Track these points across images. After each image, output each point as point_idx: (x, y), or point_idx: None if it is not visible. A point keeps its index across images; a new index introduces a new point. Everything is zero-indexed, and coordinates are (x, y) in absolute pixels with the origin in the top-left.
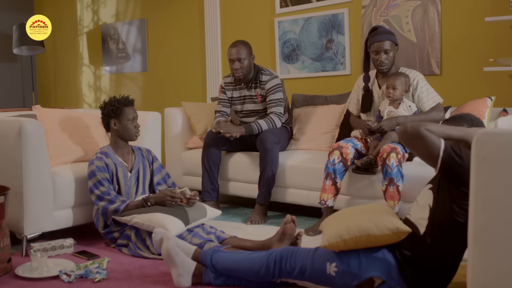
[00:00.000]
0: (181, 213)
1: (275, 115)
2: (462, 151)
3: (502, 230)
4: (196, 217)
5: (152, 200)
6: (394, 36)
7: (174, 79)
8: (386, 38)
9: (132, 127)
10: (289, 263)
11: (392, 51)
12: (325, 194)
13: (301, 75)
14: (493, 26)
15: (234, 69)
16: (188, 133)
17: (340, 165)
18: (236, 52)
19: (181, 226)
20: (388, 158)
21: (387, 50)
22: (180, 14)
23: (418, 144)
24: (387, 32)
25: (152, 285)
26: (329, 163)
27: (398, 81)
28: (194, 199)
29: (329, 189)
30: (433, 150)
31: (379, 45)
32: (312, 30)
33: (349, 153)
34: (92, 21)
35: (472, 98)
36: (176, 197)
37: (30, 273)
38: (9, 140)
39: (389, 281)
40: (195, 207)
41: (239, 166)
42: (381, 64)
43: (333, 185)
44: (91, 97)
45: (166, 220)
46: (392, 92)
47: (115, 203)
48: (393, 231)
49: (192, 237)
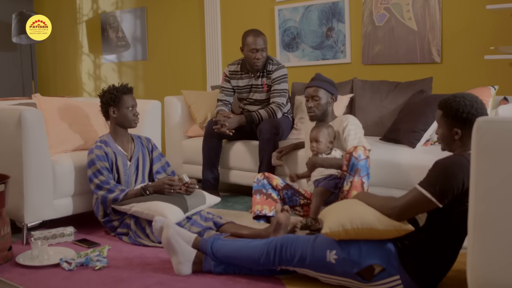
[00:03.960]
0: (180, 201)
1: (276, 106)
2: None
3: (502, 218)
4: (195, 205)
5: (151, 189)
6: (332, 86)
7: (174, 68)
8: (317, 85)
9: (131, 115)
10: (289, 251)
11: (324, 98)
12: (258, 206)
13: (301, 63)
14: (494, 14)
15: (257, 58)
16: (188, 121)
17: (265, 181)
18: (262, 42)
19: (180, 214)
20: (355, 150)
21: (315, 96)
22: (180, 2)
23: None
24: (322, 79)
25: (152, 273)
26: (255, 183)
27: (320, 133)
28: (192, 187)
29: (262, 201)
30: (429, 206)
31: (308, 91)
32: (313, 18)
33: (275, 179)
34: (92, 10)
35: (473, 86)
36: (175, 185)
37: (31, 261)
38: (9, 128)
39: (389, 268)
40: (194, 195)
41: (240, 154)
42: (309, 110)
43: (268, 198)
44: (91, 85)
45: (165, 208)
46: (315, 146)
47: (114, 192)
48: (395, 228)
49: (191, 226)
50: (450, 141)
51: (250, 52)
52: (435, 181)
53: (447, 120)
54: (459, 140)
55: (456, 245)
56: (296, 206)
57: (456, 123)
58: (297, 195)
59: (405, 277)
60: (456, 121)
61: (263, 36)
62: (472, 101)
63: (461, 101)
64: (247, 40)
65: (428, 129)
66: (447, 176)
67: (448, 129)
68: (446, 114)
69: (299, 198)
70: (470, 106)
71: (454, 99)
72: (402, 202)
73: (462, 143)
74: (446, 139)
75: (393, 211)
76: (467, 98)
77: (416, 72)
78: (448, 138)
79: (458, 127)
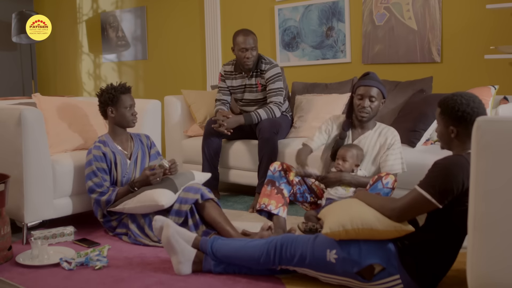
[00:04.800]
0: (168, 182)
1: (274, 105)
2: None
3: (502, 218)
4: (184, 182)
5: (138, 184)
6: (384, 88)
7: (174, 67)
8: (375, 85)
9: (129, 115)
10: (289, 250)
11: (378, 101)
12: (266, 199)
13: (301, 63)
14: (494, 13)
15: (247, 57)
16: (188, 121)
17: (281, 174)
18: (251, 41)
19: (171, 195)
20: (386, 176)
21: (372, 97)
22: (180, 2)
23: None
24: (378, 80)
25: (152, 272)
26: (270, 172)
27: (349, 153)
28: (174, 167)
29: (271, 194)
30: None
31: (366, 90)
32: (313, 18)
33: (292, 172)
34: (92, 9)
35: (473, 85)
36: (157, 172)
37: (31, 260)
38: (9, 128)
39: (389, 268)
40: (181, 174)
41: (240, 154)
42: (363, 110)
43: (278, 193)
44: (91, 85)
45: (154, 194)
46: (341, 164)
47: (106, 193)
48: (395, 228)
49: (180, 204)
50: (447, 139)
51: (240, 52)
52: (435, 182)
53: (443, 117)
54: (456, 138)
55: (456, 245)
56: (305, 202)
57: (452, 121)
58: (309, 191)
59: (405, 276)
60: (451, 119)
61: (253, 36)
62: (469, 100)
63: (458, 100)
64: (237, 40)
65: (428, 129)
66: (447, 176)
67: (445, 126)
68: (443, 112)
69: (310, 195)
70: (466, 105)
71: (452, 98)
72: (401, 204)
73: (460, 142)
74: (443, 137)
75: (393, 213)
76: (465, 97)
77: (416, 71)
78: (445, 136)
79: (453, 125)
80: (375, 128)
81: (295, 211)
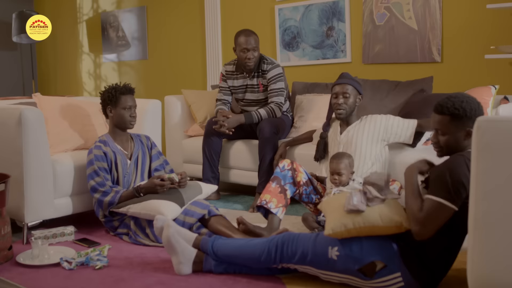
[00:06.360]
0: (176, 196)
1: (275, 105)
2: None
3: (502, 218)
4: (191, 196)
5: (144, 190)
6: (359, 84)
7: (174, 67)
8: (348, 82)
9: (127, 116)
10: (291, 248)
11: (353, 97)
12: (268, 195)
13: (302, 62)
14: (495, 13)
15: (248, 58)
16: (188, 121)
17: (289, 173)
18: (253, 41)
19: (177, 209)
20: (392, 182)
21: (346, 93)
22: (180, 2)
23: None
24: (351, 78)
25: (153, 272)
26: (279, 169)
27: (341, 165)
28: (184, 181)
29: (275, 192)
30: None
31: (339, 87)
32: (313, 18)
33: (301, 173)
34: (92, 9)
35: (473, 85)
36: (165, 184)
37: (31, 260)
38: (9, 128)
39: (390, 265)
40: (190, 187)
41: (240, 154)
42: (338, 107)
43: (281, 192)
44: (91, 85)
45: (161, 205)
46: (338, 178)
47: (109, 194)
48: (396, 225)
49: (185, 216)
50: (457, 143)
51: (241, 52)
52: (444, 186)
53: (457, 123)
54: (467, 139)
55: (456, 244)
56: (310, 203)
57: (468, 122)
58: (315, 192)
59: (406, 274)
60: (468, 120)
61: (255, 36)
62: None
63: (459, 101)
64: (239, 40)
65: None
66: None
67: (458, 131)
68: (456, 117)
69: (316, 197)
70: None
71: (454, 102)
72: (422, 217)
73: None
74: (453, 143)
75: (421, 231)
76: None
77: (417, 71)
78: (457, 141)
79: (470, 126)
80: (359, 120)
81: (295, 211)
